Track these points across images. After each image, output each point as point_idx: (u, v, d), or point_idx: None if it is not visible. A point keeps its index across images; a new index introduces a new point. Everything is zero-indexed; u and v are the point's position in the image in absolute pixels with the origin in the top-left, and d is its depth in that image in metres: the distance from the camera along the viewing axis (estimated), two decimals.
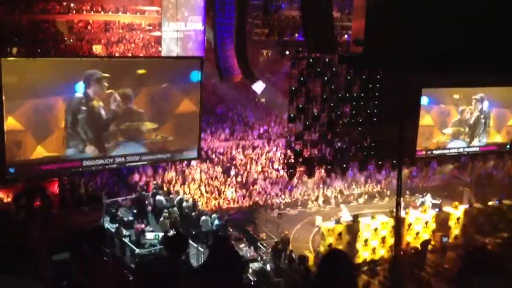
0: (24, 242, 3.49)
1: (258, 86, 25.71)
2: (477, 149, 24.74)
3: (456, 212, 22.73)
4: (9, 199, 16.09)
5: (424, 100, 22.58)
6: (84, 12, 31.58)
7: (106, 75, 17.87)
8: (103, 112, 18.12)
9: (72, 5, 31.18)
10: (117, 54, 30.11)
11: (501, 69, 10.75)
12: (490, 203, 23.78)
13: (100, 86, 17.82)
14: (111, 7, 32.21)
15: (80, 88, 17.59)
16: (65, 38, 30.52)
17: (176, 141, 19.76)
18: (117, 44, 31.87)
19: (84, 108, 17.71)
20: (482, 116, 24.15)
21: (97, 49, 31.10)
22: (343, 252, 3.82)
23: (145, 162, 20.10)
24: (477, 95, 23.87)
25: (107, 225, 17.73)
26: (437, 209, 22.95)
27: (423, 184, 28.21)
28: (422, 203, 23.99)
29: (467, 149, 24.52)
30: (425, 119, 22.89)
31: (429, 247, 21.02)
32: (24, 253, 3.32)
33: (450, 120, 23.73)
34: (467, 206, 23.43)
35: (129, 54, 30.60)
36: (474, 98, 23.85)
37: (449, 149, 23.95)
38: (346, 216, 22.21)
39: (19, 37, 28.81)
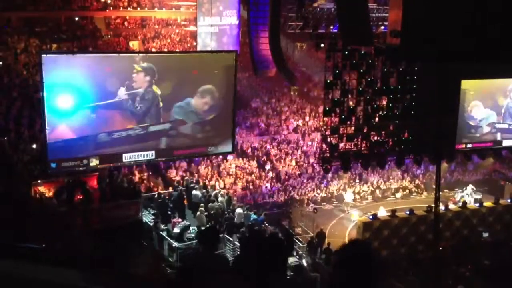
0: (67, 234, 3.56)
1: None
2: None
3: (497, 207, 22.14)
4: (50, 194, 16.47)
5: None
6: (121, 9, 32.16)
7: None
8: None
9: (109, 1, 31.79)
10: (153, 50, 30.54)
11: None
12: None
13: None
14: (147, 3, 32.69)
15: None
16: (103, 34, 31.13)
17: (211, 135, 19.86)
18: (153, 39, 32.32)
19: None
20: None
21: (134, 45, 31.61)
22: (364, 242, 3.70)
23: (182, 156, 20.36)
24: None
25: (145, 219, 17.97)
26: (477, 204, 22.40)
27: (463, 179, 27.57)
28: (462, 198, 23.47)
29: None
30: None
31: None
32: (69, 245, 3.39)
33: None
34: (508, 201, 22.78)
35: (165, 49, 30.99)
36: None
37: (489, 142, 23.14)
38: (382, 211, 21.95)
39: (58, 34, 29.54)
